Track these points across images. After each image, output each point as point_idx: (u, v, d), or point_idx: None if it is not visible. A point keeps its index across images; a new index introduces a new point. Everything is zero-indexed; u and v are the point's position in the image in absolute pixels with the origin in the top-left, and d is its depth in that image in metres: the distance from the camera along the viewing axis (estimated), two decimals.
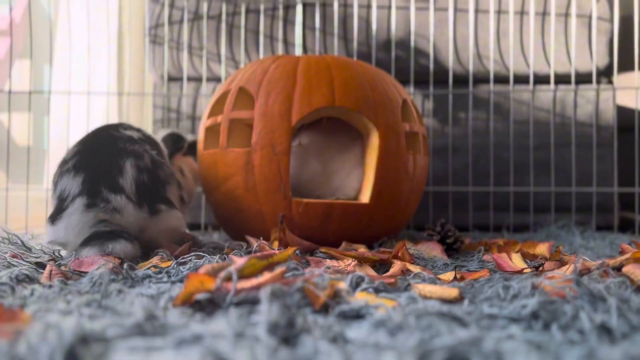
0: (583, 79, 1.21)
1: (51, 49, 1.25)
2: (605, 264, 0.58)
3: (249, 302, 0.43)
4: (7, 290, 0.48)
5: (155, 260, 0.66)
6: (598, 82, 1.21)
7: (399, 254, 0.65)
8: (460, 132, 1.20)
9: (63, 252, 0.72)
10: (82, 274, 0.58)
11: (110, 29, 1.63)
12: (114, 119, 1.66)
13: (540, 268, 0.60)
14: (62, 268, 0.59)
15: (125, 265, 0.56)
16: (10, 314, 0.37)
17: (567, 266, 0.59)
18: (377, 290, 0.49)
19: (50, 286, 0.51)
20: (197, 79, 1.25)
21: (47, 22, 1.72)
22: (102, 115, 1.67)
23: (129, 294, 0.48)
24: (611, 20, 1.18)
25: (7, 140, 1.15)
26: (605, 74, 1.21)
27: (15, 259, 0.62)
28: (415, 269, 0.60)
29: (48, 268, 0.57)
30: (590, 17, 1.18)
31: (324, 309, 0.42)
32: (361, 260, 0.64)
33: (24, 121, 1.57)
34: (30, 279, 0.54)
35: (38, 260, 0.64)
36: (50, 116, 1.69)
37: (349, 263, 0.62)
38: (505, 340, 0.34)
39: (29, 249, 0.72)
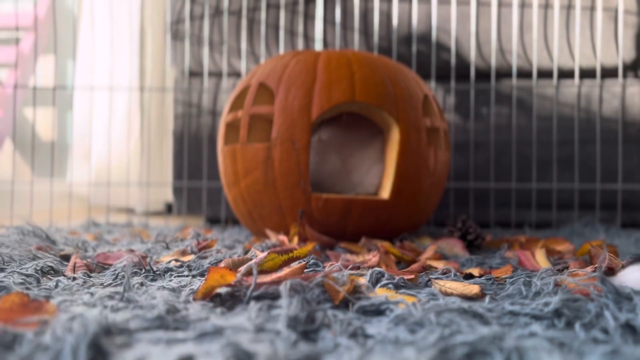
0: (609, 73, 1.18)
1: (75, 45, 1.26)
2: (629, 262, 0.57)
3: (269, 296, 0.43)
4: (32, 282, 0.49)
5: (176, 253, 0.66)
6: (624, 76, 1.19)
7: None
8: (482, 128, 1.19)
9: None
10: (105, 266, 0.58)
11: (132, 24, 1.65)
12: (135, 114, 1.68)
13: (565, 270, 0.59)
14: (87, 260, 0.60)
15: (148, 259, 0.57)
16: (36, 305, 0.37)
17: (591, 265, 0.58)
18: (397, 286, 0.48)
19: (74, 278, 0.52)
20: (218, 74, 1.26)
21: (71, 19, 1.75)
22: (123, 110, 1.69)
23: (150, 287, 0.48)
24: (638, 14, 1.16)
25: (32, 135, 1.17)
26: (632, 68, 1.18)
27: (40, 252, 0.63)
28: (439, 264, 0.60)
29: (72, 260, 0.58)
30: (616, 11, 1.16)
31: (344, 304, 0.42)
32: (388, 253, 0.64)
33: (48, 116, 1.60)
34: (54, 271, 0.55)
35: (62, 252, 0.65)
36: (73, 111, 1.72)
37: (369, 258, 0.62)
38: (527, 337, 0.34)
39: (53, 242, 0.74)
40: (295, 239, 0.74)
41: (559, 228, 1.11)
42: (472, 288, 0.46)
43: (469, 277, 0.55)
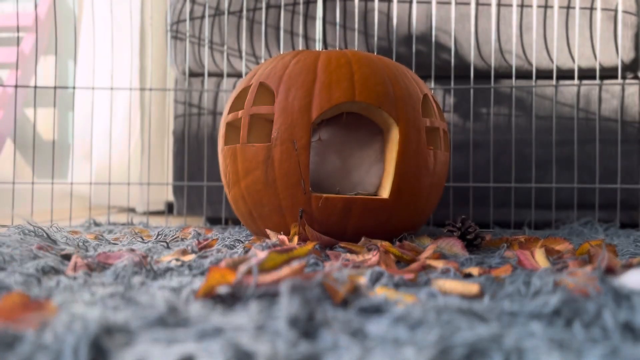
0: (608, 73, 1.19)
1: (75, 45, 1.26)
2: (629, 263, 0.57)
3: (270, 295, 0.43)
4: (33, 282, 0.50)
5: (177, 253, 0.66)
6: (623, 76, 1.19)
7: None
8: (482, 128, 1.19)
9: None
10: (106, 265, 0.59)
11: (132, 25, 1.65)
12: (135, 114, 1.68)
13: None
14: (88, 260, 0.60)
15: (148, 259, 0.57)
16: (36, 304, 0.38)
17: (590, 265, 0.58)
18: (396, 286, 0.49)
19: (75, 278, 0.52)
20: (218, 75, 1.26)
21: (72, 19, 1.75)
22: (124, 110, 1.69)
23: (151, 286, 0.48)
24: (637, 14, 1.16)
25: (33, 134, 1.17)
26: (631, 68, 1.18)
27: (41, 251, 0.63)
28: (438, 263, 0.60)
29: (73, 260, 0.58)
30: (615, 11, 1.16)
31: (344, 304, 0.42)
32: (388, 253, 0.64)
33: (49, 116, 1.60)
34: (55, 271, 0.56)
35: (63, 252, 0.65)
36: (74, 111, 1.72)
37: (369, 257, 0.62)
38: (526, 337, 0.34)
39: (54, 242, 0.74)
40: (296, 239, 0.75)
41: (558, 228, 1.11)
42: (472, 287, 0.46)
43: (469, 276, 0.56)
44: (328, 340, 0.33)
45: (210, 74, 1.26)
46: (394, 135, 0.81)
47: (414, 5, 1.18)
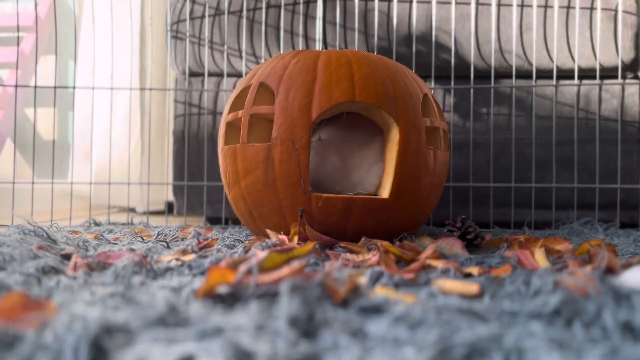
0: (608, 73, 1.19)
1: (75, 45, 1.26)
2: (629, 262, 0.57)
3: (270, 295, 0.43)
4: (33, 281, 0.50)
5: (177, 253, 0.66)
6: (623, 76, 1.19)
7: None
8: (482, 127, 1.19)
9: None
10: (106, 265, 0.59)
11: (132, 25, 1.65)
12: (136, 115, 1.68)
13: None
14: (88, 260, 0.60)
15: (148, 258, 0.57)
16: (36, 304, 0.38)
17: (590, 265, 0.58)
18: (396, 285, 0.49)
19: (75, 278, 0.52)
20: (219, 75, 1.26)
21: (72, 19, 1.75)
22: (124, 110, 1.69)
23: (151, 286, 0.48)
24: (637, 14, 1.16)
25: (33, 134, 1.17)
26: (631, 68, 1.18)
27: (41, 251, 0.63)
28: (438, 263, 0.60)
29: (73, 259, 0.58)
30: (615, 11, 1.16)
31: (344, 304, 0.42)
32: (388, 252, 0.64)
33: (49, 116, 1.60)
34: (55, 271, 0.56)
35: (63, 252, 0.65)
36: (74, 111, 1.72)
37: (369, 257, 0.62)
38: (526, 337, 0.34)
39: (54, 241, 0.74)
40: (296, 239, 0.75)
41: (558, 228, 1.11)
42: (472, 287, 0.46)
43: (469, 276, 0.56)
44: (328, 340, 0.33)
45: (210, 74, 1.26)
46: (394, 135, 0.81)
47: (414, 5, 1.18)
